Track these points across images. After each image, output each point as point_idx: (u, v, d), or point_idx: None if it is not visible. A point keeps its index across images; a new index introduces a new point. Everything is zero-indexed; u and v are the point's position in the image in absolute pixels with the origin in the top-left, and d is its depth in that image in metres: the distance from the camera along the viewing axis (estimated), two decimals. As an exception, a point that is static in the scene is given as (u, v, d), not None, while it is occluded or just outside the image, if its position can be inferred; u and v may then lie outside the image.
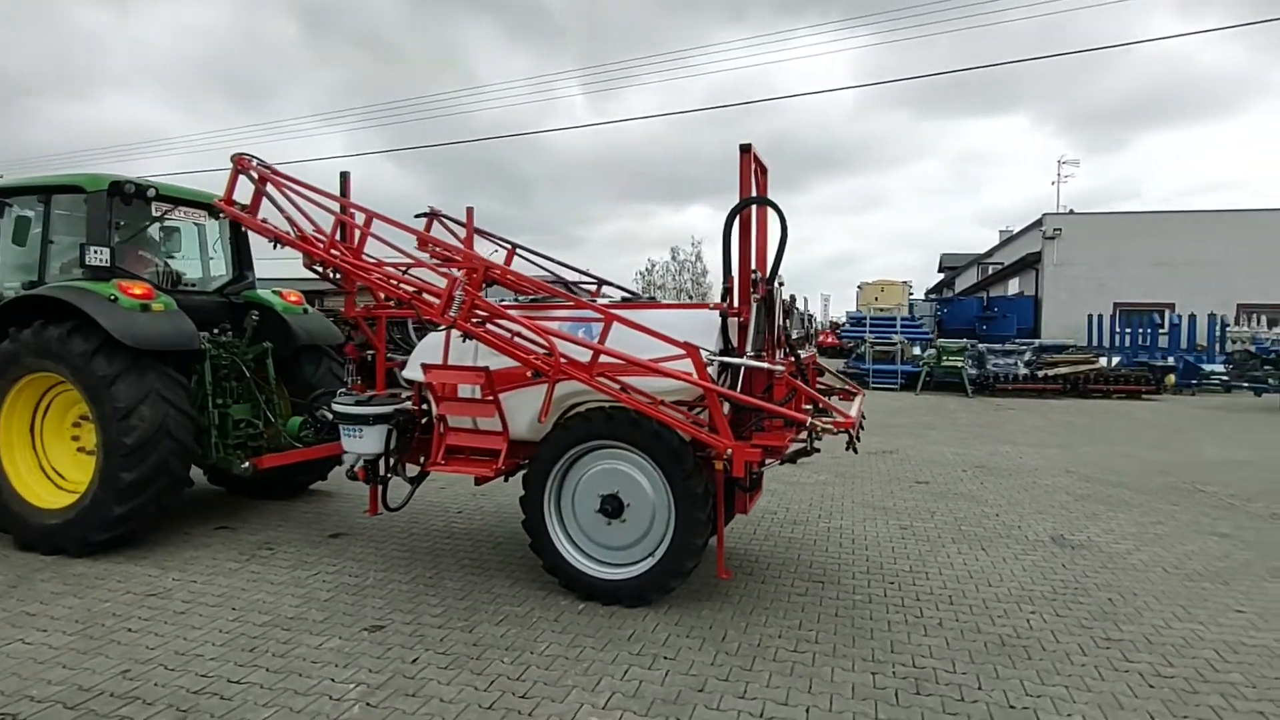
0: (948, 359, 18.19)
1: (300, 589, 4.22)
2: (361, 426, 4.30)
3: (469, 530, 5.47)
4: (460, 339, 4.23)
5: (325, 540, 5.17)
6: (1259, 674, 3.33)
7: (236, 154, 4.52)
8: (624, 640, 3.58)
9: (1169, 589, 4.41)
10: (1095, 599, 4.23)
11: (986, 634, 3.72)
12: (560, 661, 3.35)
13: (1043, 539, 5.43)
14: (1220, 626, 3.86)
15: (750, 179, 4.11)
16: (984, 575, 4.60)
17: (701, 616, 3.89)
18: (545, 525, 4.13)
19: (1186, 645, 3.62)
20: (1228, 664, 3.43)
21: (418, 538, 5.26)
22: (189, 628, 3.68)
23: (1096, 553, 5.11)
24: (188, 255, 6.46)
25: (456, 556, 4.84)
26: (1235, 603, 4.21)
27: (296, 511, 5.95)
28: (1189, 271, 27.83)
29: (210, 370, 5.43)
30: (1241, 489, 7.31)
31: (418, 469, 4.86)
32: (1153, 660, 3.45)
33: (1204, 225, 29.04)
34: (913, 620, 3.88)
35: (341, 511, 5.99)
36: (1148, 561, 4.93)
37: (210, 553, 4.86)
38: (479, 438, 4.33)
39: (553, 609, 3.96)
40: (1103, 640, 3.65)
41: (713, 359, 3.76)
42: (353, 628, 3.70)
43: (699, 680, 3.19)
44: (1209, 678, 3.28)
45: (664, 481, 3.90)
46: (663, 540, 3.96)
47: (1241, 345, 20.85)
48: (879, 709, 2.97)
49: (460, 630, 3.68)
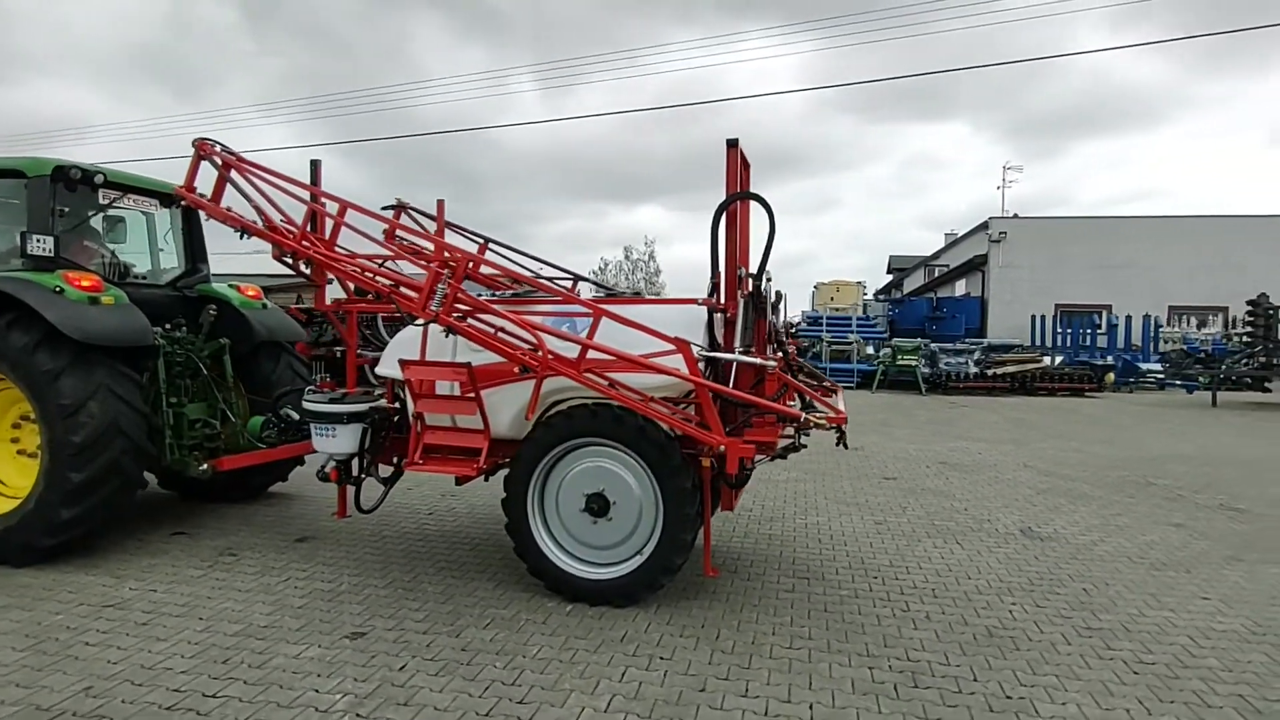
0: (903, 358, 18.61)
1: (271, 596, 4.02)
2: (335, 425, 4.12)
3: (443, 532, 5.31)
4: (443, 334, 4.10)
5: (291, 545, 4.95)
6: (1233, 659, 3.45)
7: (198, 138, 4.27)
8: (617, 641, 3.51)
9: (1137, 578, 4.56)
10: (1070, 589, 4.33)
11: (973, 626, 3.77)
12: (554, 665, 3.26)
13: (1013, 532, 5.56)
14: (1190, 613, 4.00)
15: (736, 174, 4.09)
16: (962, 568, 4.68)
17: (692, 615, 3.84)
18: (529, 527, 4.02)
19: (1162, 632, 3.73)
20: (1203, 649, 3.54)
21: (390, 541, 5.08)
22: (153, 639, 3.45)
23: (1065, 544, 5.25)
24: (135, 246, 6.11)
25: (433, 559, 4.69)
26: (1200, 590, 4.36)
27: (257, 515, 5.69)
28: (1124, 275, 29.08)
29: (164, 367, 5.15)
30: (1188, 482, 7.63)
31: (391, 469, 4.69)
32: (1133, 648, 3.54)
33: (1138, 230, 30.41)
34: (900, 614, 3.91)
35: (305, 515, 5.75)
36: (1113, 552, 5.09)
37: (169, 560, 4.60)
38: (457, 436, 4.20)
39: (539, 611, 3.86)
40: (1084, 630, 3.74)
41: (704, 354, 3.71)
42: (332, 635, 3.53)
43: (698, 680, 3.14)
44: (1187, 663, 3.39)
45: (651, 478, 3.84)
46: (650, 538, 3.90)
47: (1173, 345, 21.90)
48: (880, 703, 2.97)
49: (446, 635, 3.55)
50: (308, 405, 4.19)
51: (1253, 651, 3.53)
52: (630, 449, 3.86)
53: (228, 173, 4.26)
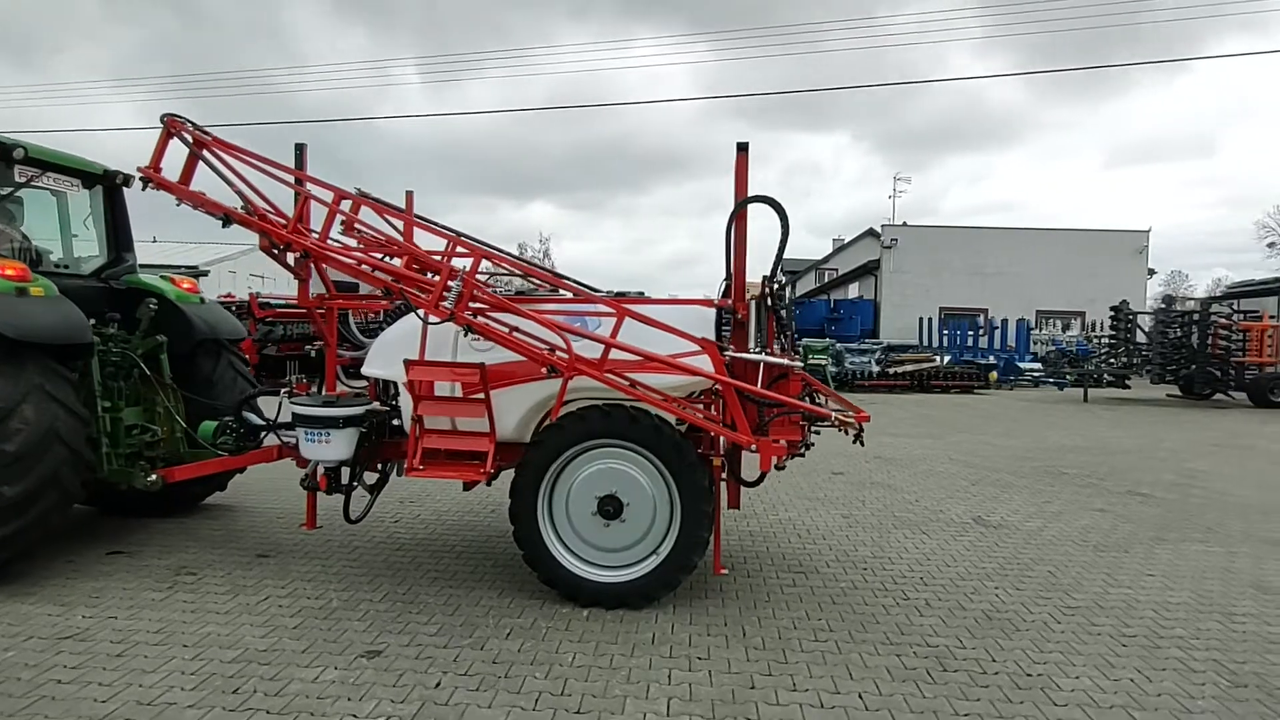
0: (812, 357, 19.41)
1: (256, 616, 3.69)
2: (329, 430, 3.83)
3: (419, 541, 5.05)
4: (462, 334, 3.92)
5: (256, 561, 4.56)
6: (1195, 628, 3.85)
7: (167, 114, 3.83)
8: (649, 644, 3.47)
9: (1087, 560, 4.99)
10: (1038, 573, 4.68)
11: (971, 610, 4.00)
12: (596, 671, 3.18)
13: (966, 521, 5.94)
14: (1145, 590, 4.42)
15: (746, 177, 4.14)
16: (938, 557, 4.95)
17: (710, 614, 3.86)
18: (540, 534, 3.90)
19: (1130, 608, 4.11)
20: (1169, 621, 3.93)
21: (364, 552, 4.78)
22: (138, 672, 3.09)
23: (1015, 531, 5.67)
24: (43, 232, 5.44)
25: (420, 569, 4.46)
26: (1143, 568, 4.83)
27: (200, 530, 5.20)
28: (997, 281, 31.70)
29: (98, 367, 4.62)
30: (1092, 470, 8.42)
31: (377, 475, 4.43)
32: (1112, 623, 3.88)
33: (1007, 240, 33.25)
34: (903, 603, 4.09)
35: (256, 528, 5.31)
36: (1058, 537, 5.55)
37: (117, 583, 4.13)
38: (458, 439, 4.01)
39: (556, 617, 3.76)
40: (1066, 609, 4.06)
41: (732, 355, 3.74)
42: (345, 655, 3.29)
43: (744, 678, 3.16)
44: (1162, 634, 3.75)
45: (668, 477, 3.83)
46: (666, 537, 3.88)
47: (1043, 346, 24.08)
48: (920, 689, 3.10)
49: (470, 649, 3.39)
50: (298, 409, 3.87)
51: (1208, 620, 3.95)
52: (647, 449, 3.83)
53: (200, 151, 3.85)
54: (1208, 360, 17.11)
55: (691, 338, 3.64)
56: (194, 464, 4.66)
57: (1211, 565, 4.92)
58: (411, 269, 3.96)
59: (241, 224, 3.73)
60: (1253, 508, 6.66)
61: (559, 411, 3.77)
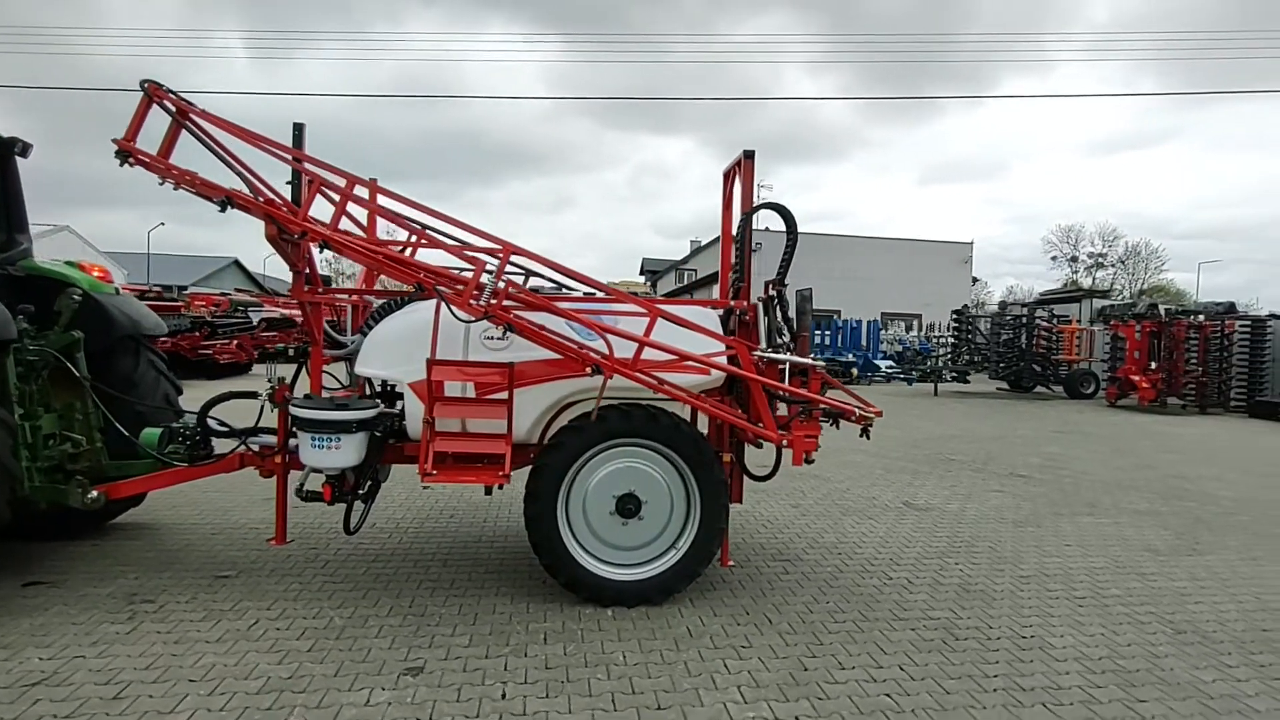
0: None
1: (256, 642, 3.35)
2: (340, 436, 3.54)
3: (390, 550, 4.76)
4: (464, 331, 3.76)
5: (217, 583, 4.10)
6: (1125, 587, 4.50)
7: (148, 80, 3.33)
8: (688, 638, 3.54)
9: (1012, 535, 5.64)
10: (981, 548, 5.24)
11: (947, 585, 4.42)
12: (653, 668, 3.21)
13: (898, 505, 6.49)
14: (1070, 557, 5.08)
15: (752, 183, 4.31)
16: (894, 539, 5.39)
17: (728, 605, 3.99)
18: (560, 538, 3.84)
19: (1068, 574, 4.71)
20: (1103, 583, 4.56)
21: (339, 565, 4.44)
22: (155, 714, 2.72)
23: (942, 513, 6.28)
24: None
25: (410, 580, 4.22)
26: (1060, 540, 5.55)
27: (128, 553, 4.58)
28: (845, 284, 34.38)
29: (12, 367, 3.96)
30: (973, 456, 9.45)
31: (369, 483, 4.14)
32: (1062, 588, 4.44)
33: (855, 247, 36.27)
34: (889, 582, 4.44)
35: (194, 546, 4.76)
36: (979, 516, 6.21)
37: (58, 617, 3.57)
38: (470, 442, 3.85)
39: (583, 618, 3.72)
40: (1021, 579, 4.59)
41: (761, 355, 3.89)
42: (385, 675, 3.08)
43: (793, 661, 3.32)
44: (1104, 595, 4.35)
45: (688, 473, 3.92)
46: (684, 532, 3.97)
47: (890, 345, 26.42)
48: (947, 656, 3.41)
49: (514, 656, 3.29)
50: (304, 413, 3.53)
51: (1129, 580, 4.63)
52: (667, 447, 3.90)
53: (184, 122, 3.38)
54: (1033, 358, 19.61)
55: (721, 337, 3.75)
56: (145, 477, 4.10)
57: (1108, 534, 5.73)
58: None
59: (245, 208, 3.33)
60: (1111, 484, 7.80)
61: (597, 414, 3.73)
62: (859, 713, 2.89)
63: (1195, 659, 3.50)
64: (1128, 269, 65.56)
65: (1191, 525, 6.11)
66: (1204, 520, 6.31)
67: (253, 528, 5.19)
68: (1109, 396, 17.46)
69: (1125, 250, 64.68)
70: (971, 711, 2.93)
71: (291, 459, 4.14)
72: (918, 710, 2.92)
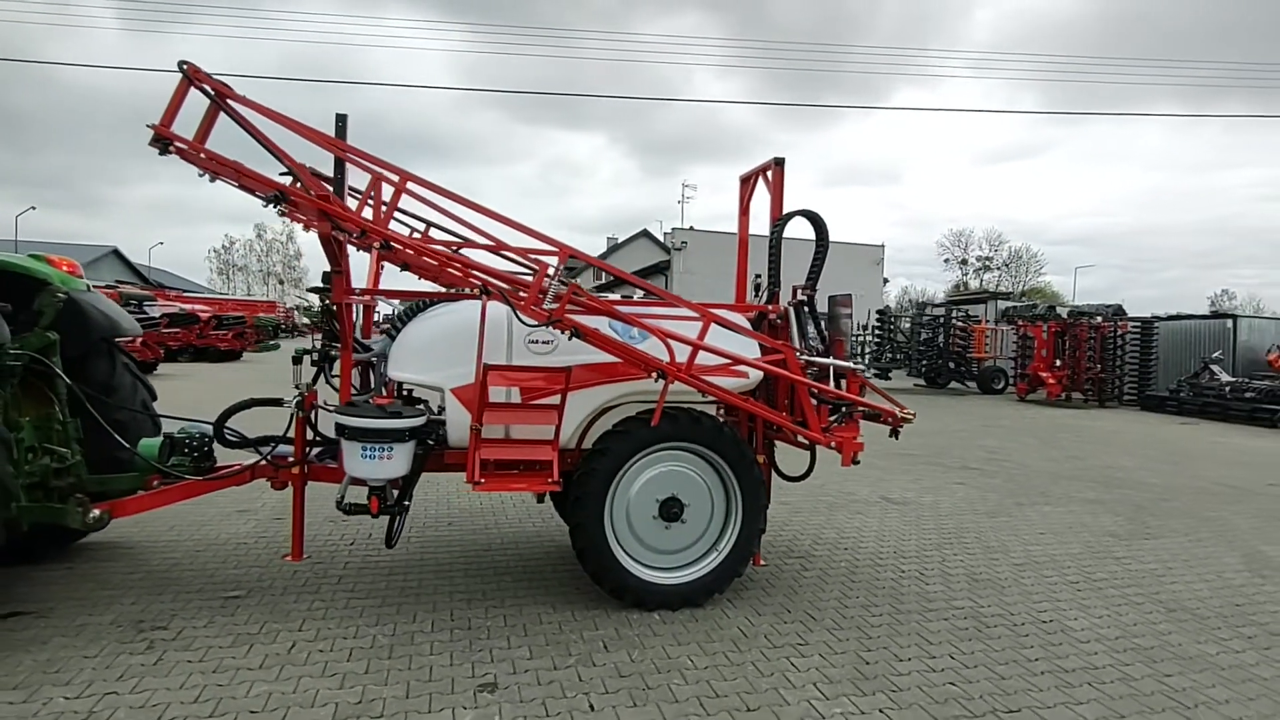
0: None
1: (305, 667, 3.16)
2: (394, 445, 3.36)
3: (404, 561, 4.57)
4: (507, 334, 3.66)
5: (231, 604, 3.83)
6: (1107, 570, 4.88)
7: (186, 61, 3.02)
8: (743, 638, 3.59)
9: (990, 525, 6.00)
10: (968, 538, 5.55)
11: (955, 574, 4.67)
12: (728, 669, 3.25)
13: (877, 500, 6.78)
14: (1047, 545, 5.46)
15: (782, 189, 4.40)
16: (889, 533, 5.63)
17: (764, 603, 4.06)
18: (607, 544, 3.81)
19: (1054, 561, 5.07)
20: (1087, 566, 4.93)
21: (356, 579, 4.23)
22: (230, 751, 2.53)
23: (919, 506, 6.60)
24: None
25: (440, 592, 4.07)
26: (1033, 529, 5.95)
27: (109, 575, 4.19)
28: (767, 285, 35.32)
29: (-11, 375, 3.56)
30: (926, 451, 9.95)
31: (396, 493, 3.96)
32: (1055, 574, 4.77)
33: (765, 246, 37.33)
34: (903, 575, 4.64)
35: (182, 565, 4.41)
36: (953, 509, 6.57)
37: (66, 650, 3.24)
38: (515, 449, 3.76)
39: (634, 624, 3.71)
40: (1017, 567, 4.90)
41: (806, 359, 3.97)
42: (460, 693, 2.97)
43: (852, 657, 3.43)
44: (1092, 577, 4.71)
45: (729, 475, 3.97)
46: (724, 533, 4.02)
47: (815, 343, 27.39)
48: (988, 644, 3.61)
49: (583, 665, 3.24)
50: (355, 421, 3.33)
51: (1107, 564, 5.03)
52: (711, 449, 3.94)
53: (223, 105, 3.09)
54: (950, 356, 20.81)
55: (772, 341, 3.81)
56: (156, 493, 3.75)
57: (1070, 522, 6.19)
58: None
59: (297, 205, 3.09)
60: (1053, 475, 8.41)
61: (658, 418, 3.71)
62: (934, 702, 3.03)
63: (1194, 634, 3.86)
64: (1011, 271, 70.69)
65: (1136, 511, 6.68)
66: (1144, 507, 6.91)
67: (240, 542, 4.86)
68: (1020, 391, 18.77)
69: (1009, 254, 69.77)
70: (1031, 695, 3.12)
71: (312, 470, 3.91)
72: (984, 697, 3.09)
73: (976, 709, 2.98)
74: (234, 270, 76.41)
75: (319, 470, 3.94)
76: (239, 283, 76.40)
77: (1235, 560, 5.23)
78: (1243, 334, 18.06)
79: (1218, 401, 15.11)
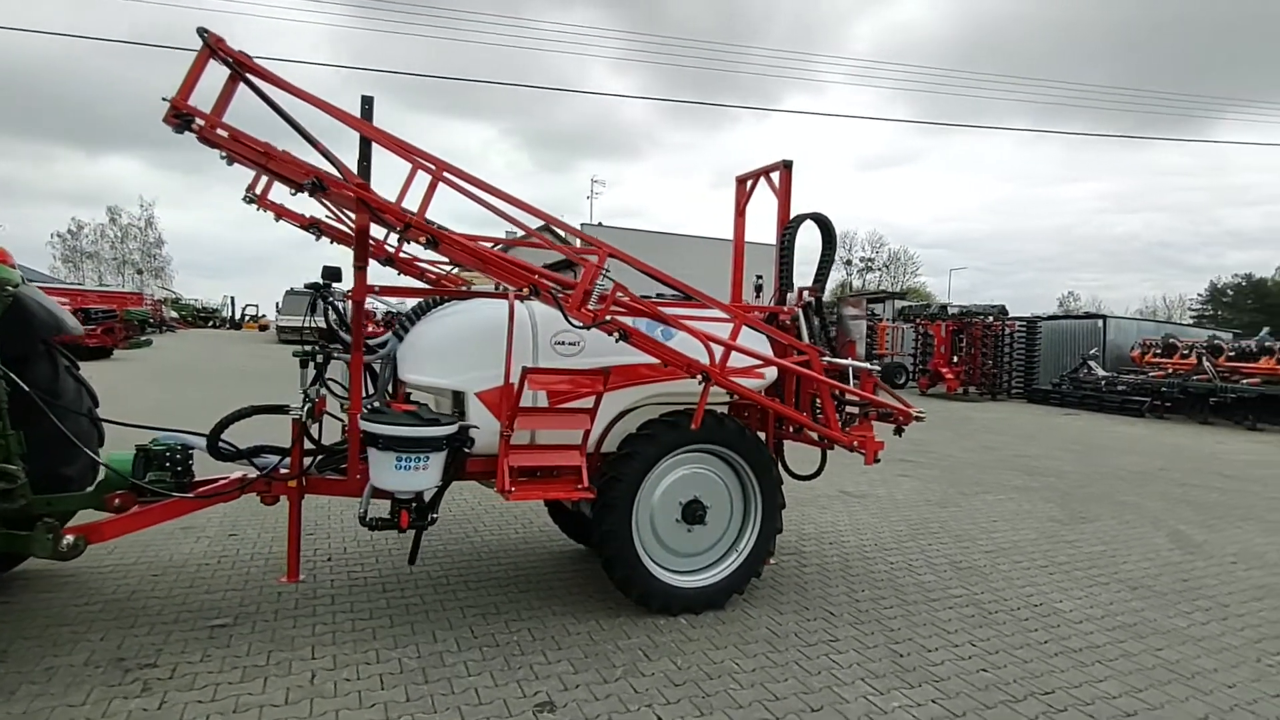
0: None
1: (336, 699, 2.90)
2: (430, 454, 3.13)
3: (394, 575, 4.29)
4: (532, 335, 3.51)
5: (221, 634, 3.46)
6: (1065, 555, 5.27)
7: (206, 29, 2.62)
8: (775, 639, 3.62)
9: (947, 515, 6.35)
10: (935, 528, 5.85)
11: (939, 563, 4.91)
12: (775, 670, 3.26)
13: (838, 494, 7.01)
14: (1004, 533, 5.84)
15: (789, 192, 4.45)
16: (862, 525, 5.85)
17: (779, 601, 4.11)
18: (635, 550, 3.72)
19: (1018, 547, 5.42)
20: (1047, 550, 5.31)
21: (351, 599, 3.93)
22: (294, 800, 2.28)
23: (880, 500, 6.89)
24: None
25: (449, 608, 3.86)
26: (984, 517, 6.34)
27: (61, 609, 3.69)
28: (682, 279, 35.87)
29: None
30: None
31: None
32: (1024, 558, 5.11)
33: (685, 245, 37.90)
34: (893, 566, 4.83)
35: (141, 591, 3.95)
36: (907, 500, 6.90)
37: (46, 700, 2.82)
38: (540, 455, 3.61)
39: (662, 630, 3.65)
40: (989, 554, 5.20)
41: (829, 360, 4.03)
42: (517, 716, 2.82)
43: (884, 650, 3.52)
44: (1055, 561, 5.07)
45: (750, 476, 4.00)
46: (744, 534, 4.04)
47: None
48: (998, 629, 3.81)
49: (630, 677, 3.16)
50: (389, 429, 3.06)
51: (1063, 548, 5.43)
52: (733, 451, 3.94)
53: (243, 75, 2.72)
54: (856, 353, 21.85)
55: (801, 344, 3.85)
56: (139, 513, 3.30)
57: (1013, 510, 6.65)
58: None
59: (337, 195, 2.78)
60: (979, 465, 9.01)
61: (699, 420, 3.65)
62: (977, 689, 3.16)
63: (1162, 610, 4.23)
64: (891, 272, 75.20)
65: (1064, 498, 7.27)
66: (1069, 493, 7.53)
67: (200, 564, 4.41)
68: (921, 386, 20.00)
69: (889, 255, 74.26)
70: (1055, 676, 3.32)
71: (310, 482, 3.59)
72: (1018, 681, 3.26)
73: (1015, 694, 3.14)
74: (83, 258, 68.84)
75: (317, 483, 3.63)
76: (88, 271, 68.69)
77: (1164, 540, 5.78)
78: (1111, 333, 20.08)
79: (1094, 394, 16.70)
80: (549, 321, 3.66)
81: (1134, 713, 3.03)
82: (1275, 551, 5.57)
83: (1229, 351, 16.19)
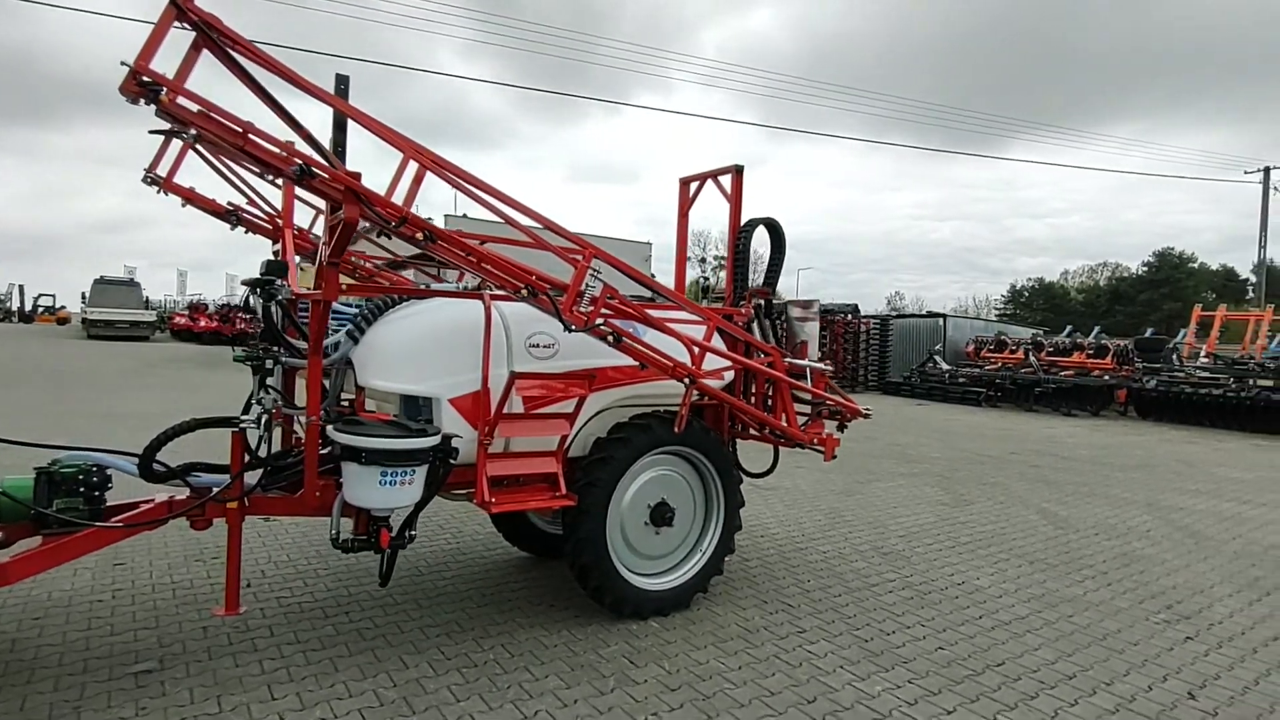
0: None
1: (319, 741, 2.63)
2: (415, 467, 2.87)
3: (342, 597, 3.95)
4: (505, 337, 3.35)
5: (148, 679, 3.02)
6: (965, 533, 5.80)
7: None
8: (752, 634, 3.71)
9: (854, 504, 6.78)
10: (850, 519, 6.22)
11: (866, 551, 5.23)
12: (760, 666, 3.33)
13: (747, 485, 7.24)
14: (908, 518, 6.32)
15: (740, 197, 4.54)
16: (784, 516, 6.11)
17: (736, 597, 4.21)
18: (609, 557, 3.67)
19: (924, 530, 5.89)
20: (949, 531, 5.81)
21: (295, 628, 3.57)
22: None
23: (784, 490, 7.21)
24: None
25: (407, 630, 3.61)
26: (885, 504, 6.83)
27: None
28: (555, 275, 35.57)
29: None
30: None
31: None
32: (934, 541, 5.56)
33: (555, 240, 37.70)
34: (827, 555, 5.09)
35: (32, 639, 3.38)
36: (812, 490, 7.29)
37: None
38: (515, 463, 3.46)
39: (637, 635, 3.63)
40: (903, 538, 5.62)
41: (791, 361, 4.14)
42: (528, 738, 2.70)
43: (857, 637, 3.71)
44: (959, 541, 5.57)
45: (714, 476, 4.07)
46: (705, 533, 4.10)
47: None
48: (939, 608, 4.13)
49: (627, 686, 3.11)
50: (370, 442, 2.76)
51: (960, 530, 5.97)
52: (699, 452, 3.98)
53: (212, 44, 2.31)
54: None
55: (764, 345, 3.94)
56: (50, 548, 2.76)
57: (905, 495, 7.22)
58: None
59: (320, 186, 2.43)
60: (864, 454, 9.69)
61: (682, 424, 3.62)
62: (942, 667, 3.41)
63: (1061, 581, 4.77)
64: (746, 272, 78.47)
65: (944, 482, 7.99)
66: (946, 477, 8.28)
67: (93, 600, 3.83)
68: (788, 380, 21.15)
69: (741, 255, 77.81)
70: (1000, 649, 3.65)
71: (254, 503, 3.22)
72: (973, 655, 3.55)
73: (974, 668, 3.42)
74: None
75: (261, 502, 3.25)
76: None
77: (1037, 518, 6.51)
78: (950, 330, 22.30)
79: (940, 386, 18.47)
80: (522, 323, 3.51)
81: (1073, 675, 3.40)
82: (1122, 523, 6.44)
83: (1049, 347, 18.51)
